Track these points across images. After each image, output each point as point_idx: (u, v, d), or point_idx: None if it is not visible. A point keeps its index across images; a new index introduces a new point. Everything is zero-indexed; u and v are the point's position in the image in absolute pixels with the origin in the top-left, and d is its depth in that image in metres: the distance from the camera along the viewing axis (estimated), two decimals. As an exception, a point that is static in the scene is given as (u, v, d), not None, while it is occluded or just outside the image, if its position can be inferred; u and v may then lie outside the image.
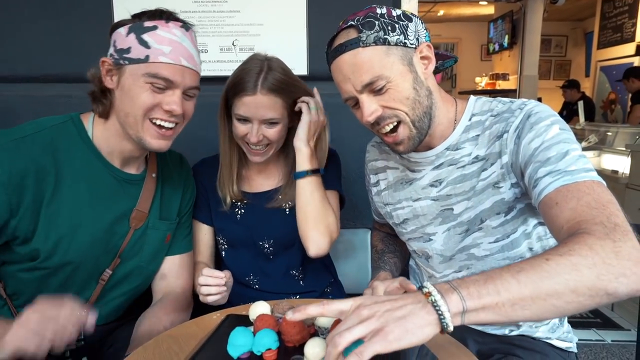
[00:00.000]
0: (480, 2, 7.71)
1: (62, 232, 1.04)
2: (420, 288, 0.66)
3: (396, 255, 1.28)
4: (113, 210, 1.12)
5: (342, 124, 1.74)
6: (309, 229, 1.23)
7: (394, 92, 0.95)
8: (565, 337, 1.12)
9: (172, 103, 1.04)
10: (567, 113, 6.07)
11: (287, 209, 1.35)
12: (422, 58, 0.99)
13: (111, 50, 1.06)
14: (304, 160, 1.24)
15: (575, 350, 1.14)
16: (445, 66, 1.15)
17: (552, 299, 0.65)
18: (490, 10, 8.40)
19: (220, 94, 1.27)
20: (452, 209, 1.07)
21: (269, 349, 0.81)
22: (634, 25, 6.23)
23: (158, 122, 1.05)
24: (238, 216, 1.36)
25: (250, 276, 1.38)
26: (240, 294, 1.30)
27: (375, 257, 1.29)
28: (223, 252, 1.40)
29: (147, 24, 1.02)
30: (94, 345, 1.16)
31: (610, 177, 3.32)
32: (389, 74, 0.94)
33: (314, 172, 1.25)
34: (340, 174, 1.42)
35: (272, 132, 1.23)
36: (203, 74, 1.73)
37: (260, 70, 1.19)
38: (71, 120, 1.10)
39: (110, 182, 1.12)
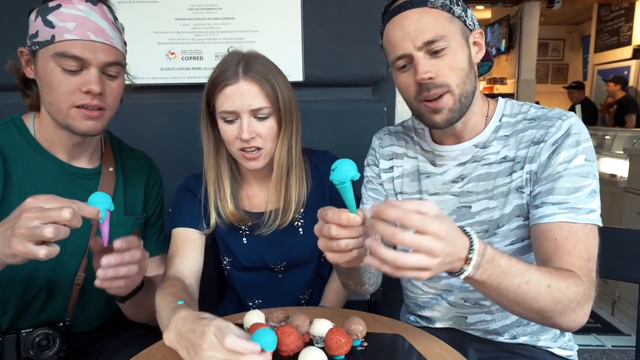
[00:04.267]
0: (477, 7, 7.74)
1: None
2: (470, 240, 0.76)
3: None
4: None
5: (341, 129, 1.74)
6: None
7: (450, 59, 0.95)
8: (566, 346, 1.11)
9: (88, 83, 0.98)
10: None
11: (299, 228, 1.25)
12: (475, 44, 1.02)
13: (27, 38, 1.02)
14: None
15: (576, 359, 1.13)
16: (481, 72, 1.13)
17: (524, 310, 0.85)
18: (487, 14, 8.43)
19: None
20: (470, 207, 1.06)
21: (264, 350, 0.79)
22: (631, 28, 6.27)
23: (81, 104, 1.00)
24: (244, 239, 1.25)
25: (253, 299, 1.30)
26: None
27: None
28: (226, 272, 1.32)
29: (51, 3, 0.98)
30: (77, 356, 1.13)
31: (608, 182, 3.30)
32: (450, 39, 0.95)
33: None
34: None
35: (264, 128, 1.12)
36: (198, 81, 1.75)
37: (240, 60, 1.11)
38: (12, 121, 1.09)
39: (60, 178, 1.08)
